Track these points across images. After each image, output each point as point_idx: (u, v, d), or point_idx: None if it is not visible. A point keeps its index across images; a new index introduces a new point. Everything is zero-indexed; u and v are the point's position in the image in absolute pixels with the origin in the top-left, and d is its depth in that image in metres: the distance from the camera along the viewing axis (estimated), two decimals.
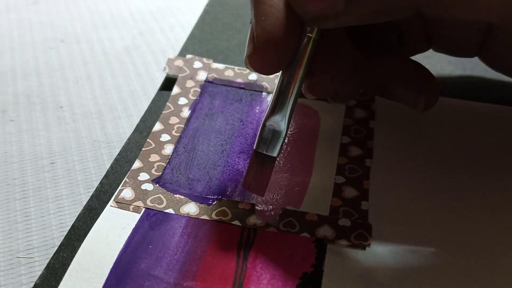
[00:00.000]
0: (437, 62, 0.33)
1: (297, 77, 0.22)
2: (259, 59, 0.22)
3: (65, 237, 0.23)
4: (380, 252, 0.22)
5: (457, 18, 0.22)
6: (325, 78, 0.24)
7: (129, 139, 0.28)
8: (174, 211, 0.24)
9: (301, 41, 0.22)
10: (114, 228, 0.23)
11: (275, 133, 0.22)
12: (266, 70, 0.22)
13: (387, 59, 0.26)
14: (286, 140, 0.27)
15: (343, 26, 0.23)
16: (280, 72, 0.23)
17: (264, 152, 0.23)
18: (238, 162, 0.26)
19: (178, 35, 0.38)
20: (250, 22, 0.22)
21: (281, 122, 0.22)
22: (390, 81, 0.26)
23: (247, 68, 0.22)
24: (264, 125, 0.23)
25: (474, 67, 0.33)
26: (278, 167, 0.26)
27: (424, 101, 0.26)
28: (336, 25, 0.22)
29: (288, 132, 0.28)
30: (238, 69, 0.32)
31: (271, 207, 0.24)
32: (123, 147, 0.27)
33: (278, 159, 0.26)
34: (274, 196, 0.25)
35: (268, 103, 0.23)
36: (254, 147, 0.23)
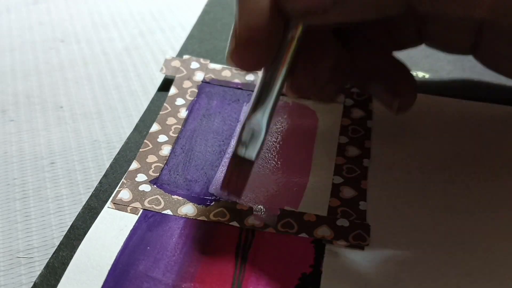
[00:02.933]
0: (436, 62, 0.33)
1: (279, 76, 0.22)
2: (241, 56, 0.21)
3: (64, 237, 0.23)
4: (378, 252, 0.22)
5: (448, 14, 0.22)
6: (307, 78, 0.24)
7: (128, 138, 0.28)
8: (172, 212, 0.24)
9: (285, 38, 0.22)
10: (112, 229, 0.23)
11: (254, 135, 0.22)
12: (248, 67, 0.22)
13: (369, 55, 0.26)
14: (280, 142, 0.27)
15: (331, 24, 0.22)
16: (262, 70, 0.22)
17: (242, 155, 0.22)
18: None
19: (178, 35, 0.38)
20: (235, 17, 0.21)
21: (261, 122, 0.22)
22: (369, 78, 0.26)
23: (228, 64, 0.22)
24: (243, 126, 0.22)
25: (473, 66, 0.33)
26: (275, 167, 0.26)
27: (398, 104, 0.25)
28: (323, 22, 0.21)
29: (286, 132, 0.28)
30: (235, 69, 0.32)
31: (269, 208, 0.24)
32: (122, 147, 0.27)
33: (275, 160, 0.26)
34: (272, 196, 0.25)
35: (250, 102, 0.22)
36: (233, 149, 0.22)
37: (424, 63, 0.33)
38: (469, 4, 0.20)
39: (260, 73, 0.23)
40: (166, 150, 0.27)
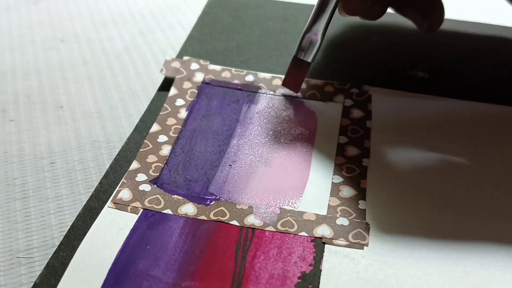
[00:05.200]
0: (436, 62, 0.33)
1: None
2: None
3: (64, 237, 0.23)
4: (378, 251, 0.22)
5: None
6: None
7: (128, 139, 0.28)
8: (172, 212, 0.24)
9: None
10: (112, 228, 0.23)
11: (312, 43, 0.28)
12: None
13: None
14: (280, 142, 0.27)
15: None
16: None
17: (301, 58, 0.29)
18: (235, 162, 0.26)
19: (178, 35, 0.38)
20: None
21: (317, 34, 0.28)
22: (404, 2, 0.29)
23: None
24: (303, 36, 0.28)
25: (473, 66, 0.33)
26: (275, 167, 0.26)
27: (427, 24, 0.29)
28: None
29: (286, 132, 0.28)
30: (235, 70, 0.32)
31: (269, 207, 0.24)
32: (123, 147, 0.27)
33: (277, 159, 0.27)
34: (272, 196, 0.25)
35: (309, 17, 0.28)
36: (294, 54, 0.29)
37: (424, 63, 0.33)
38: None
39: None
40: (166, 150, 0.27)
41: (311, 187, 0.25)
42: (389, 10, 0.31)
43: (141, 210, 0.24)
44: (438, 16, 0.29)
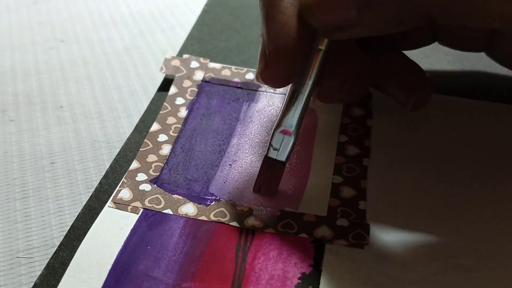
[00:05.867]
0: (436, 61, 0.33)
1: (307, 85, 0.23)
2: (271, 75, 0.22)
3: (64, 237, 0.23)
4: (378, 252, 0.22)
5: (466, 26, 0.23)
6: (334, 87, 0.25)
7: (128, 139, 0.28)
8: (172, 212, 0.24)
9: (312, 53, 0.23)
10: (112, 228, 0.23)
11: (285, 140, 0.23)
12: (278, 84, 0.23)
13: (385, 56, 0.27)
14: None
15: (355, 38, 0.23)
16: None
17: (274, 158, 0.23)
18: (235, 161, 0.26)
19: (178, 35, 0.38)
20: (261, 36, 0.23)
21: (291, 128, 0.23)
22: (384, 78, 0.27)
23: (258, 82, 0.23)
24: (274, 132, 0.24)
25: (473, 66, 0.33)
26: None
27: (413, 102, 0.27)
28: (349, 36, 0.22)
29: None
30: (235, 68, 0.32)
31: (269, 208, 0.24)
32: (123, 147, 0.27)
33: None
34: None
35: (279, 110, 0.24)
36: (265, 153, 0.24)
37: (424, 63, 0.33)
38: (487, 17, 0.20)
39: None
40: (166, 149, 0.27)
41: (311, 188, 0.25)
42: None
43: (142, 210, 0.24)
44: (424, 91, 0.27)
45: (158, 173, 0.26)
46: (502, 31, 0.25)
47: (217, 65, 0.32)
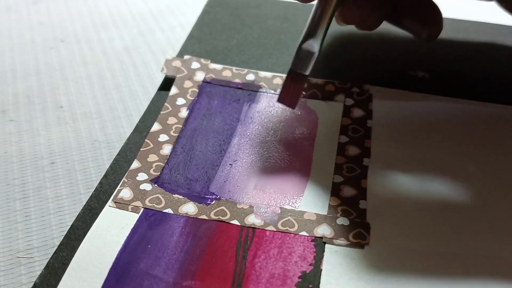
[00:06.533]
0: (436, 62, 0.33)
1: (331, 5, 0.25)
2: None
3: (64, 237, 0.23)
4: (378, 251, 0.22)
5: None
6: (356, 8, 0.27)
7: (128, 139, 0.28)
8: (173, 211, 0.24)
9: None
10: (113, 228, 0.23)
11: (309, 54, 0.26)
12: None
13: None
14: (280, 141, 0.28)
15: None
16: (316, 0, 0.26)
17: (298, 71, 0.26)
18: (236, 161, 0.26)
19: (178, 35, 0.38)
20: None
21: (315, 44, 0.25)
22: (400, 11, 0.28)
23: None
24: (300, 47, 0.26)
25: (473, 65, 0.33)
26: (276, 167, 0.26)
27: (427, 32, 0.28)
28: None
29: (287, 131, 0.28)
30: (236, 69, 0.32)
31: (269, 206, 0.24)
32: (123, 147, 0.27)
33: (278, 158, 0.27)
34: (273, 195, 0.25)
35: (305, 28, 0.26)
36: (290, 67, 0.26)
37: (424, 63, 0.33)
38: None
39: (314, 3, 0.26)
40: (167, 149, 0.27)
41: (311, 187, 0.25)
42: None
43: (142, 209, 0.24)
44: (437, 23, 0.29)
45: (159, 173, 0.26)
46: None
47: (218, 66, 0.32)
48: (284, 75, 0.30)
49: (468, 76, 0.32)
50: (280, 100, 0.27)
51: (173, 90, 0.30)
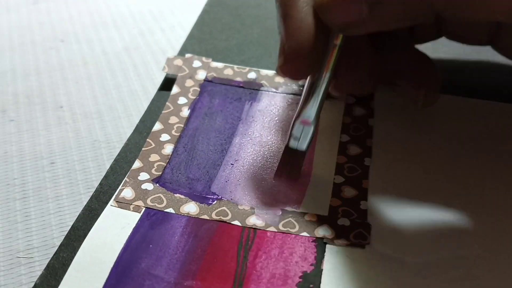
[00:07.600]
0: (436, 62, 0.33)
1: (324, 79, 0.24)
2: (290, 69, 0.24)
3: (65, 237, 0.23)
4: (379, 251, 0.22)
5: (470, 19, 0.24)
6: (349, 79, 0.26)
7: (128, 139, 0.28)
8: (174, 211, 0.24)
9: (328, 48, 0.24)
10: (115, 227, 0.23)
11: (305, 129, 0.24)
12: (297, 78, 0.25)
13: (394, 52, 0.28)
14: (281, 141, 0.27)
15: (368, 33, 0.24)
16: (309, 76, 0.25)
17: (295, 147, 0.24)
18: (237, 161, 0.26)
19: (178, 35, 0.38)
20: (279, 33, 0.24)
21: (310, 119, 0.24)
22: (394, 74, 0.28)
23: (278, 75, 0.25)
24: (294, 123, 0.24)
25: (473, 65, 0.33)
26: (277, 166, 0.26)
27: (423, 98, 0.27)
28: (361, 32, 0.24)
29: (288, 130, 0.28)
30: (237, 67, 0.32)
31: (270, 207, 0.24)
32: (123, 148, 0.27)
33: (276, 159, 0.26)
34: (273, 196, 0.25)
35: (299, 102, 0.25)
36: (285, 143, 0.25)
37: None
38: (491, 11, 0.21)
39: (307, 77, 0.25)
40: (168, 149, 0.27)
41: (312, 188, 0.25)
42: None
43: (144, 209, 0.24)
44: (434, 85, 0.27)
45: (160, 173, 0.26)
46: (506, 24, 0.25)
47: (219, 64, 0.32)
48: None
49: (468, 74, 0.32)
50: (277, 176, 0.25)
51: (175, 89, 0.30)
